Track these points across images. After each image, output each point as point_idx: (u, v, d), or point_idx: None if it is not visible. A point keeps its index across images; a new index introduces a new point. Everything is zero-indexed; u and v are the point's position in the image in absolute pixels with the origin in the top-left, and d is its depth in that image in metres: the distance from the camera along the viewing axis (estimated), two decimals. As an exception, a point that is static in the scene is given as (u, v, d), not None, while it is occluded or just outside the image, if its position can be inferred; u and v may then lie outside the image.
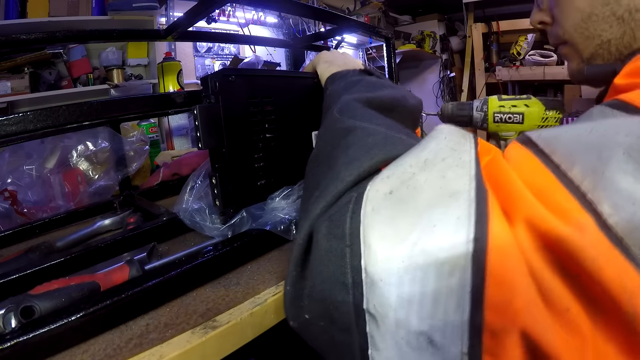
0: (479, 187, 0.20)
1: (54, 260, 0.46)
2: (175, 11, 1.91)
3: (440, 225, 0.19)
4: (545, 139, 0.22)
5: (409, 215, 0.20)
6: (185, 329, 0.35)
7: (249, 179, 0.51)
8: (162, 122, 1.75)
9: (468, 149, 0.23)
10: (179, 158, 1.10)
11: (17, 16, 1.53)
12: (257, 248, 0.50)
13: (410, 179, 0.22)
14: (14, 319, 0.34)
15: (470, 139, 0.25)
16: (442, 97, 3.47)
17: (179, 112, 1.24)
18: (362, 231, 0.21)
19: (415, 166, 0.23)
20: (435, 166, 0.22)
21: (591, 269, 0.17)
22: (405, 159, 0.24)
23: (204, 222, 0.50)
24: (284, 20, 2.48)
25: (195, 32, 0.90)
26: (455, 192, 0.20)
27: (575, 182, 0.19)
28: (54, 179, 0.85)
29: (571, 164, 0.20)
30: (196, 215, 0.51)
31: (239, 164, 0.49)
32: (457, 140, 0.25)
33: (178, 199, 0.55)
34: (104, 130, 0.90)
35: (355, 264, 0.21)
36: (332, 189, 0.25)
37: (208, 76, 0.47)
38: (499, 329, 0.17)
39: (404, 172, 0.23)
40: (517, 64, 2.79)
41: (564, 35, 0.39)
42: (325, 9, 0.82)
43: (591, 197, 0.18)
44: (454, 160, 0.22)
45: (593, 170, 0.19)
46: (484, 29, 3.10)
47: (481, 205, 0.19)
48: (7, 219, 0.76)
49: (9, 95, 1.48)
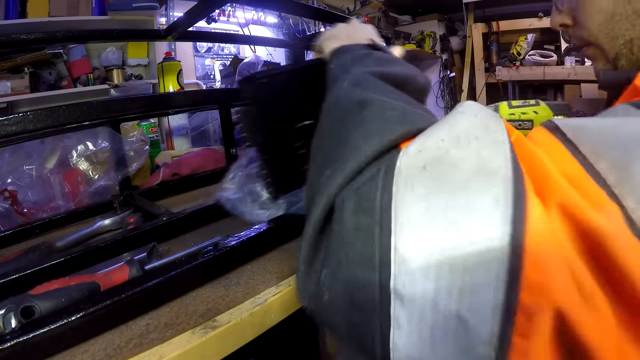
0: (515, 167, 0.20)
1: (54, 260, 0.46)
2: (175, 11, 1.91)
3: (478, 204, 0.19)
4: (573, 129, 0.22)
5: (445, 193, 0.20)
6: (185, 329, 0.35)
7: (293, 166, 0.54)
8: (162, 122, 1.75)
9: (500, 129, 0.23)
10: (179, 158, 1.10)
11: (17, 16, 1.52)
12: (257, 248, 0.50)
13: (444, 155, 0.21)
14: (14, 319, 0.34)
15: (499, 119, 0.24)
16: (442, 97, 3.47)
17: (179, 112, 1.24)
18: (394, 207, 0.20)
19: (448, 142, 0.22)
20: (470, 144, 0.22)
21: (617, 259, 0.17)
22: (437, 132, 0.23)
23: (246, 209, 0.56)
24: (284, 20, 2.48)
25: (195, 32, 0.90)
26: (492, 172, 0.20)
27: (601, 174, 0.19)
28: (54, 179, 0.85)
29: (597, 157, 0.20)
30: (239, 203, 0.57)
31: (284, 155, 0.53)
32: (489, 119, 0.24)
33: (220, 188, 0.60)
34: (104, 130, 0.90)
35: (385, 242, 0.20)
36: (352, 163, 0.23)
37: (241, 81, 0.50)
38: (533, 310, 0.17)
39: (437, 147, 0.22)
40: (517, 64, 2.79)
41: (589, 37, 0.38)
42: (325, 9, 0.82)
43: (617, 191, 0.18)
44: (488, 139, 0.22)
45: (618, 165, 0.19)
46: (484, 29, 3.10)
47: (518, 185, 0.19)
48: (7, 219, 0.76)
49: (9, 95, 1.48)
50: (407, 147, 0.23)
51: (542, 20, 2.77)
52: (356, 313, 0.22)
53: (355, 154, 0.24)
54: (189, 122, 1.81)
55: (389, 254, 0.20)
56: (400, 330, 0.20)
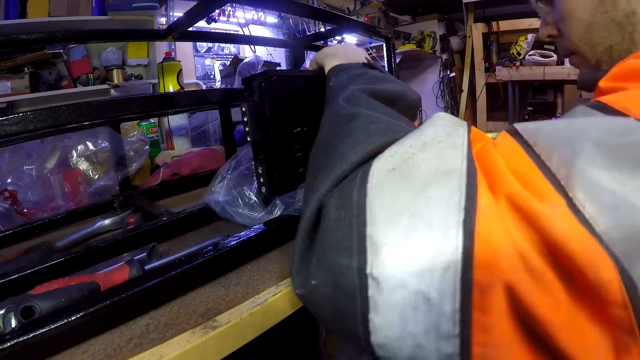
0: (470, 165, 0.23)
1: (54, 260, 0.46)
2: (175, 11, 1.90)
3: (436, 196, 0.22)
4: (530, 131, 0.25)
5: (408, 189, 0.23)
6: (185, 329, 0.35)
7: (290, 167, 0.56)
8: (162, 122, 1.75)
9: (462, 134, 0.27)
10: (179, 158, 1.10)
11: (17, 16, 1.52)
12: (257, 248, 0.50)
13: (410, 158, 0.25)
14: (14, 319, 0.34)
15: (464, 126, 0.28)
16: (442, 97, 3.47)
17: (179, 112, 1.24)
18: (368, 202, 0.24)
19: (415, 147, 0.26)
20: (432, 147, 0.26)
21: (562, 244, 0.19)
22: (406, 140, 0.27)
23: (236, 211, 0.56)
24: (284, 20, 2.48)
25: (195, 32, 0.90)
26: (449, 169, 0.23)
27: (552, 170, 0.22)
28: (54, 179, 0.85)
29: (549, 154, 0.22)
30: (228, 206, 0.57)
31: (282, 155, 0.55)
32: (452, 127, 0.28)
33: (208, 190, 0.61)
34: (104, 130, 0.90)
35: (360, 232, 0.23)
36: (338, 169, 0.27)
37: (253, 77, 0.52)
38: (486, 286, 0.20)
39: (405, 152, 0.26)
40: (517, 64, 2.79)
41: (572, 47, 0.40)
42: (325, 9, 0.82)
43: (564, 184, 0.21)
44: (448, 143, 0.26)
45: (567, 161, 0.21)
46: (484, 29, 3.10)
47: (471, 179, 0.22)
48: (7, 219, 0.76)
49: (9, 95, 1.48)
50: (382, 153, 0.27)
51: (542, 20, 2.76)
52: (340, 297, 0.24)
53: (341, 161, 0.28)
54: (189, 122, 1.81)
55: (364, 242, 0.23)
56: (378, 311, 0.22)
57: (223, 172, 0.61)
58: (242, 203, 0.57)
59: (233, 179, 0.59)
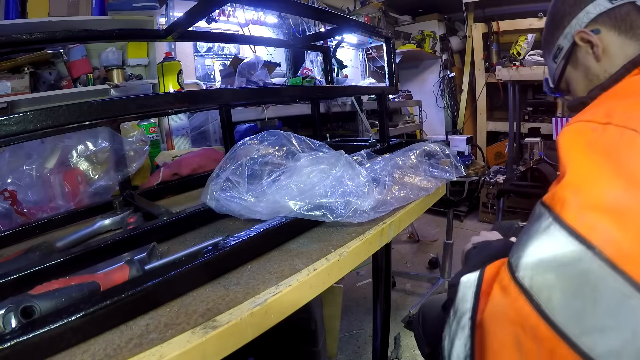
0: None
1: (54, 260, 0.46)
2: (175, 11, 1.90)
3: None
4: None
5: None
6: (185, 329, 0.35)
7: None
8: (162, 122, 1.75)
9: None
10: (179, 158, 1.10)
11: (17, 16, 1.52)
12: (257, 248, 0.50)
13: None
14: (14, 319, 0.34)
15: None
16: (442, 97, 3.47)
17: (179, 112, 1.23)
18: None
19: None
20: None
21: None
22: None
23: (232, 200, 0.58)
24: (284, 20, 2.47)
25: (195, 32, 0.90)
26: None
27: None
28: (54, 179, 0.85)
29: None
30: (223, 198, 0.58)
31: None
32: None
33: (204, 190, 0.62)
34: (104, 130, 0.90)
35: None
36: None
37: None
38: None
39: None
40: (517, 64, 2.79)
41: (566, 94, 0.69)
42: (325, 9, 0.82)
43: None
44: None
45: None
46: (484, 29, 3.09)
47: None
48: (7, 219, 0.76)
49: (9, 95, 1.48)
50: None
51: (542, 20, 2.76)
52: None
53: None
54: (189, 122, 1.80)
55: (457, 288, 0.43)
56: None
57: (217, 171, 0.62)
58: (238, 194, 0.57)
59: (227, 174, 0.60)
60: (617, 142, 0.36)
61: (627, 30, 0.56)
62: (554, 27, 0.64)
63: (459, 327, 0.40)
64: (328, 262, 0.48)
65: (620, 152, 0.35)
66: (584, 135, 0.39)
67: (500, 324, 0.35)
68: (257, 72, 1.73)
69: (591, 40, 0.58)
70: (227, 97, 0.72)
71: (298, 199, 0.54)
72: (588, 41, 0.58)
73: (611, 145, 0.36)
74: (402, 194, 0.65)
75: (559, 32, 0.63)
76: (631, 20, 0.55)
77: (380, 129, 1.06)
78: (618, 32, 0.56)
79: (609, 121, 0.38)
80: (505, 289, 0.36)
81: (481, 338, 0.37)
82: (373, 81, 2.65)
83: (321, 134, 1.24)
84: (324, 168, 0.58)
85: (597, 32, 0.58)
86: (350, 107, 2.20)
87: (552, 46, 0.65)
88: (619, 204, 0.32)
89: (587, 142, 0.38)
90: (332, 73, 1.26)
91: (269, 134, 0.67)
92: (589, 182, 0.35)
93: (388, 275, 0.95)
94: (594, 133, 0.38)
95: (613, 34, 0.57)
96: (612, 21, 0.57)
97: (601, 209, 0.33)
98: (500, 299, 0.36)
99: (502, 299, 0.36)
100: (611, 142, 0.37)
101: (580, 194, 0.35)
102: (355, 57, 3.29)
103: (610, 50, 0.57)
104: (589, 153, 0.37)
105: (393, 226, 0.63)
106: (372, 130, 2.19)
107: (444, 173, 0.74)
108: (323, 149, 0.65)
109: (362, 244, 0.54)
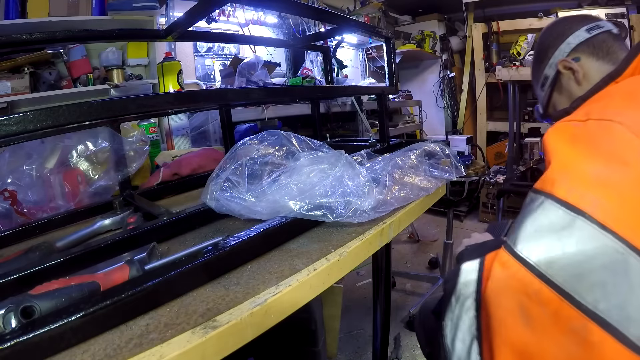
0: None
1: (54, 260, 0.46)
2: (175, 11, 1.90)
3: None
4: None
5: None
6: (185, 329, 0.35)
7: None
8: (162, 122, 1.75)
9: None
10: (179, 158, 1.10)
11: (17, 16, 1.52)
12: (257, 248, 0.50)
13: None
14: (14, 319, 0.34)
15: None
16: (442, 97, 3.47)
17: (179, 112, 1.24)
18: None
19: None
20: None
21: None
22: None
23: (234, 204, 0.57)
24: (284, 20, 2.47)
25: (195, 32, 0.90)
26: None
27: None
28: (54, 179, 0.85)
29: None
30: (223, 198, 0.58)
31: None
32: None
33: (204, 190, 0.62)
34: (104, 130, 0.90)
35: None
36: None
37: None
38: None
39: None
40: (517, 64, 2.79)
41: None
42: (325, 9, 0.82)
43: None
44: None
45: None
46: (484, 29, 3.09)
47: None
48: (7, 219, 0.76)
49: (9, 95, 1.48)
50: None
51: (542, 20, 2.77)
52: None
53: None
54: (189, 122, 1.80)
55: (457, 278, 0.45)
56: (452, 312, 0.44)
57: (217, 171, 0.62)
58: (238, 194, 0.57)
59: (227, 174, 0.60)
60: (596, 131, 0.42)
61: (604, 55, 0.63)
62: (540, 60, 0.71)
63: (462, 310, 0.41)
64: (328, 262, 0.48)
65: (598, 138, 0.41)
66: (567, 131, 0.44)
67: (505, 295, 0.37)
68: (257, 72, 1.73)
69: (572, 67, 0.64)
70: (227, 97, 0.72)
71: (298, 199, 0.54)
72: (570, 68, 0.65)
73: (591, 134, 0.42)
74: (402, 194, 0.65)
75: (545, 63, 0.70)
76: (607, 46, 0.63)
77: (380, 129, 1.06)
78: (596, 58, 0.63)
79: (589, 118, 0.44)
80: (505, 264, 0.38)
81: (486, 315, 0.38)
82: (373, 81, 2.65)
83: (321, 134, 1.24)
84: (324, 168, 0.58)
85: (577, 59, 0.65)
86: (350, 107, 2.20)
87: (539, 76, 0.72)
88: (602, 176, 0.37)
89: (570, 135, 0.43)
90: (332, 73, 1.26)
91: (269, 134, 0.67)
92: (573, 163, 0.40)
93: (388, 275, 0.95)
94: (576, 128, 0.44)
95: (592, 60, 0.64)
96: (591, 49, 0.64)
97: (587, 182, 0.37)
98: (501, 273, 0.38)
99: (503, 272, 0.38)
100: (591, 132, 0.42)
101: (567, 173, 0.39)
102: (355, 57, 3.29)
103: (590, 75, 0.63)
104: (572, 143, 0.42)
105: (393, 226, 0.63)
106: (372, 130, 2.19)
107: (444, 173, 0.74)
108: (323, 149, 0.65)
109: (362, 244, 0.54)
